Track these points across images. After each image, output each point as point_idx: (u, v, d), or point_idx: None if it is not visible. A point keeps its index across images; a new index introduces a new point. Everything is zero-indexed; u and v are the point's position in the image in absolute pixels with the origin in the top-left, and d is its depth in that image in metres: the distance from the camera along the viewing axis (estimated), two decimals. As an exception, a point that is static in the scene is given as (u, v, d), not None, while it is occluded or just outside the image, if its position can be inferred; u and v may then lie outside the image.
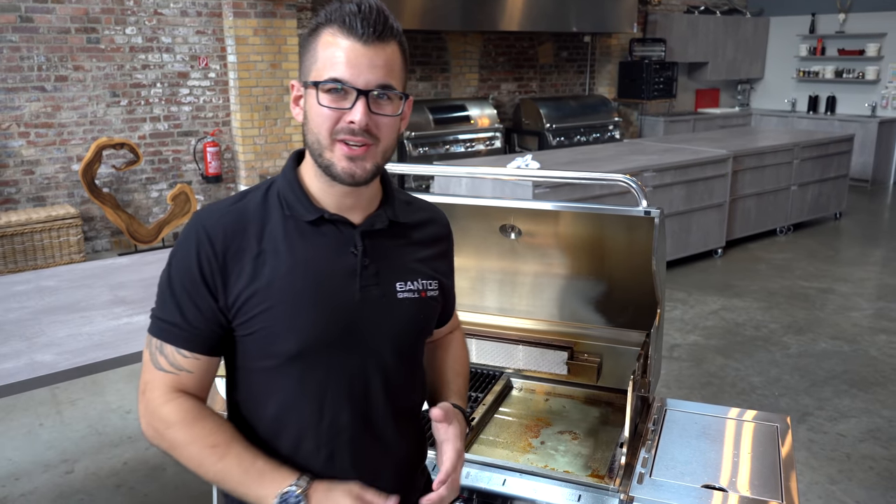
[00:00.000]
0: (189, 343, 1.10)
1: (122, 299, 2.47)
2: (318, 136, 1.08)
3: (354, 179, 1.09)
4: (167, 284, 1.12)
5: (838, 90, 9.56)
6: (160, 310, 1.12)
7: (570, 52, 8.84)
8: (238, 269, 1.09)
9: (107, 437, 3.29)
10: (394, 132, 1.12)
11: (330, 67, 1.05)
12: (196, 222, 1.12)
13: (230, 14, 6.16)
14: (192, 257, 1.09)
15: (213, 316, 1.10)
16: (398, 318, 1.17)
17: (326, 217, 1.13)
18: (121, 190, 6.10)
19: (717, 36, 9.64)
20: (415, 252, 1.23)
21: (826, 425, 3.43)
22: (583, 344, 1.93)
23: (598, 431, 1.78)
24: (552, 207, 1.78)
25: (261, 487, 1.04)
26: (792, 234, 6.93)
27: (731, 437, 1.68)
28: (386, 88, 1.07)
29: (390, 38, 1.07)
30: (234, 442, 1.08)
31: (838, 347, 4.34)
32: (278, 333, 1.09)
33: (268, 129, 6.48)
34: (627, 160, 5.56)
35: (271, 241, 1.11)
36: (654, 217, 1.62)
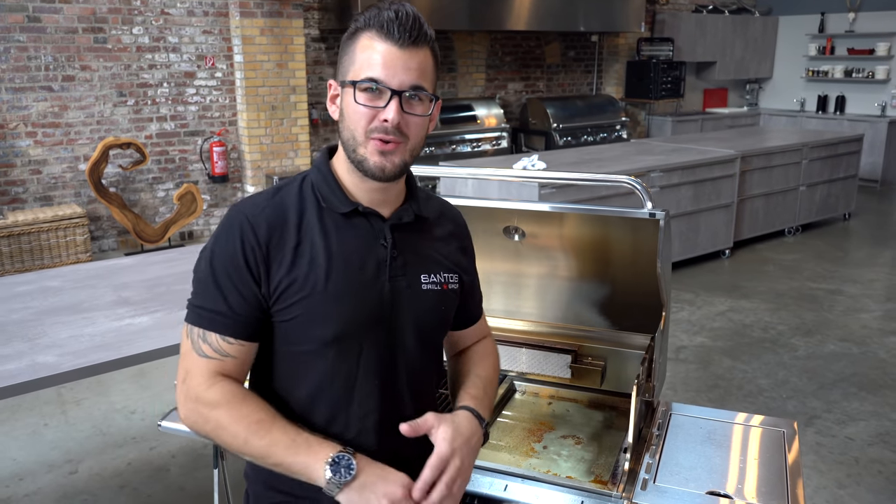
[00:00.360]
0: (234, 330, 1.15)
1: (125, 300, 2.46)
2: (354, 133, 1.15)
3: (385, 174, 1.16)
4: (209, 273, 1.16)
5: (848, 90, 9.50)
6: (201, 298, 1.17)
7: (577, 52, 8.81)
8: (280, 258, 1.15)
9: (111, 437, 3.29)
10: (423, 131, 1.19)
11: (367, 68, 1.13)
12: (238, 213, 1.18)
13: (237, 14, 6.16)
14: (237, 246, 1.14)
15: (256, 303, 1.15)
16: (422, 308, 1.23)
17: (360, 210, 1.20)
18: (127, 189, 6.11)
19: (726, 35, 9.58)
20: (436, 246, 1.30)
21: (834, 428, 3.40)
22: (587, 347, 1.91)
23: (602, 436, 1.76)
24: (556, 209, 1.76)
25: (309, 454, 1.08)
26: (800, 234, 6.88)
27: (737, 443, 1.66)
28: (417, 90, 1.14)
29: (424, 44, 1.15)
30: (277, 417, 1.12)
31: (847, 349, 4.30)
32: (315, 319, 1.15)
33: (274, 128, 6.48)
34: (634, 160, 5.53)
35: (309, 233, 1.18)
36: (659, 219, 1.60)
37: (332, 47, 6.95)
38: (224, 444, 1.13)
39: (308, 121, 6.65)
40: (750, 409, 3.59)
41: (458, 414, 1.22)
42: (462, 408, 1.24)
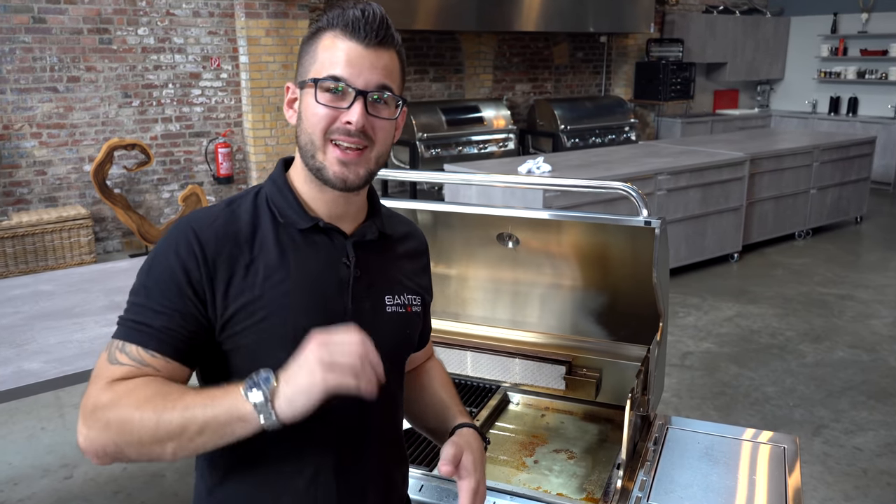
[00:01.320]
0: (159, 344, 1.01)
1: (117, 305, 2.43)
2: (312, 136, 1.07)
3: (346, 185, 1.07)
4: (142, 287, 1.04)
5: (860, 91, 9.38)
6: (130, 313, 1.04)
7: (585, 53, 8.74)
8: (227, 276, 1.05)
9: (108, 441, 3.26)
10: (389, 137, 1.11)
11: (330, 67, 1.05)
12: (184, 225, 1.07)
13: (242, 15, 6.14)
14: (179, 260, 1.03)
15: (194, 323, 1.03)
16: (387, 333, 1.14)
17: (321, 226, 1.11)
18: (132, 191, 6.10)
19: (737, 36, 9.49)
20: (400, 266, 1.22)
21: (842, 438, 3.33)
22: (582, 358, 1.86)
23: (596, 450, 1.71)
24: (550, 216, 1.71)
25: (227, 395, 0.93)
26: (810, 238, 6.79)
27: (736, 460, 1.60)
28: (384, 90, 1.07)
29: (390, 46, 1.08)
30: (187, 388, 0.96)
31: (856, 357, 4.22)
32: (271, 346, 1.05)
33: (279, 130, 6.45)
34: (642, 163, 5.46)
35: (262, 250, 1.08)
36: (654, 227, 1.55)
37: (338, 48, 6.91)
38: (138, 444, 0.93)
39: (313, 122, 6.61)
40: (756, 417, 3.52)
41: (462, 433, 1.18)
42: (461, 426, 1.21)
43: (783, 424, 3.45)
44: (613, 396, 1.84)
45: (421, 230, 1.32)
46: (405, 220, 1.31)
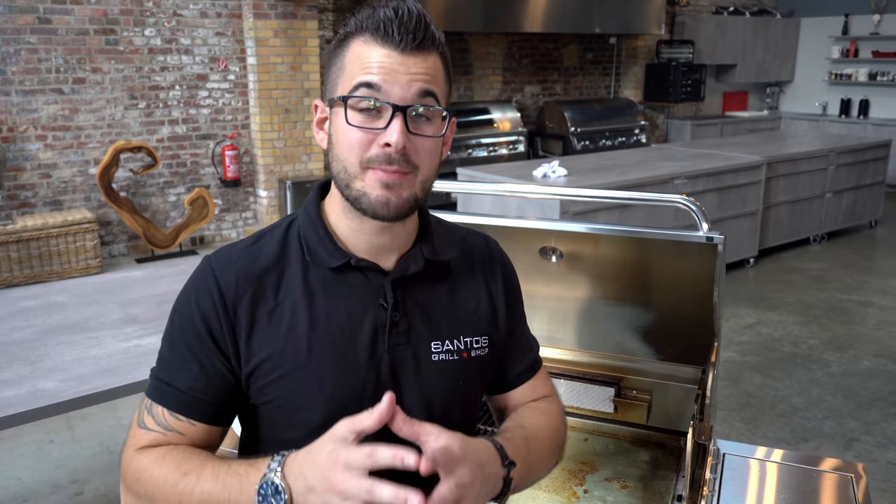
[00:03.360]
0: (184, 407, 0.95)
1: (133, 318, 2.34)
2: (346, 164, 0.92)
3: (389, 210, 0.92)
4: (167, 338, 0.98)
5: (872, 93, 9.28)
6: (159, 368, 0.98)
7: (595, 54, 8.65)
8: (249, 325, 0.95)
9: (118, 456, 3.15)
10: (435, 158, 0.95)
11: (360, 74, 0.90)
12: (205, 267, 0.98)
13: (250, 15, 6.04)
14: (198, 308, 0.95)
15: (219, 378, 0.95)
16: (431, 387, 0.99)
17: (353, 263, 0.97)
18: (138, 194, 6.00)
19: (747, 37, 9.39)
20: (458, 299, 1.05)
21: (875, 452, 3.23)
22: (630, 379, 1.76)
23: (649, 479, 1.61)
24: (601, 231, 1.62)
25: (241, 494, 0.85)
26: (826, 242, 6.69)
27: (799, 490, 1.50)
28: (426, 103, 0.91)
29: (431, 48, 0.92)
30: (207, 461, 0.91)
31: (883, 366, 4.12)
32: (298, 403, 0.94)
33: (287, 132, 6.36)
34: (657, 166, 5.36)
35: (289, 293, 0.96)
36: (717, 243, 1.45)
37: (347, 49, 6.82)
38: None
39: (322, 124, 6.51)
40: (785, 430, 3.43)
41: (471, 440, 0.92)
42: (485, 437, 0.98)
43: (813, 437, 3.36)
44: (664, 420, 1.75)
45: (492, 242, 1.13)
46: (470, 235, 1.11)
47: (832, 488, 1.52)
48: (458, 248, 1.07)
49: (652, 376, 1.74)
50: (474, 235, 1.12)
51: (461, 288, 1.05)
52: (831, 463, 1.62)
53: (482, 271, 1.09)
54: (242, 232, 6.57)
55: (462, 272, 1.06)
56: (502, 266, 1.11)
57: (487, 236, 1.13)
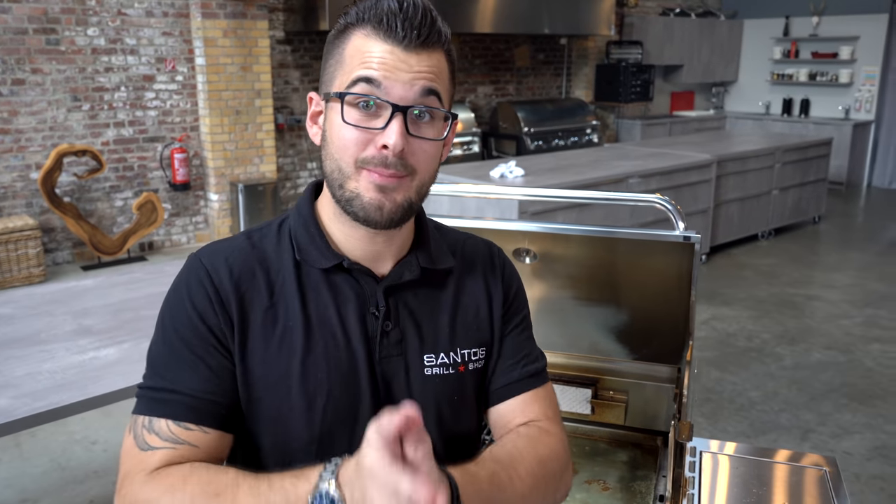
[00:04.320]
0: (193, 413, 0.86)
1: (87, 329, 2.24)
2: (340, 164, 0.87)
3: (383, 215, 0.87)
4: (162, 345, 0.90)
5: (812, 93, 9.58)
6: (151, 378, 0.90)
7: (546, 55, 8.71)
8: (243, 322, 0.89)
9: (70, 472, 3.04)
10: (434, 162, 0.90)
11: (359, 68, 0.85)
12: (194, 263, 0.91)
13: (198, 15, 5.89)
14: (192, 305, 0.88)
15: (228, 377, 0.88)
16: (425, 402, 0.92)
17: (346, 265, 0.93)
18: (83, 199, 5.80)
19: (693, 38, 9.59)
20: (457, 308, 0.99)
21: (831, 443, 3.31)
22: (606, 380, 1.75)
23: (629, 479, 1.60)
24: (576, 231, 1.60)
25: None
26: (773, 238, 6.87)
27: (778, 486, 1.52)
28: (428, 103, 0.86)
29: (437, 45, 0.88)
30: (240, 478, 0.81)
31: (833, 358, 4.24)
32: (291, 411, 0.89)
33: (238, 134, 6.23)
34: (612, 166, 5.42)
35: (283, 294, 0.91)
36: (694, 243, 1.45)
37: (298, 49, 6.72)
38: None
39: (273, 126, 6.41)
40: (744, 423, 3.49)
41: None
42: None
43: (771, 430, 3.42)
44: (640, 420, 1.75)
45: (494, 246, 1.07)
46: (470, 241, 1.06)
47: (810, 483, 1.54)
48: (458, 254, 1.02)
49: (628, 376, 1.73)
50: (476, 241, 1.07)
51: (461, 296, 1.00)
52: (806, 458, 1.64)
53: (483, 276, 1.03)
54: (193, 237, 6.41)
55: (462, 280, 1.01)
56: (504, 271, 1.06)
57: (490, 242, 1.08)
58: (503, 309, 1.03)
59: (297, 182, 6.99)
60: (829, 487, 1.52)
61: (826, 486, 1.52)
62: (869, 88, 9.13)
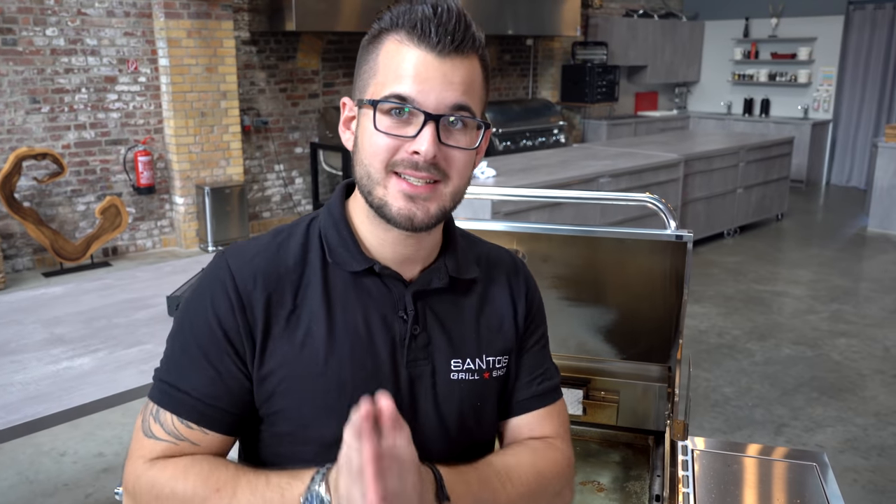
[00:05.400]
0: (196, 415, 0.88)
1: (59, 338, 2.16)
2: (370, 170, 0.87)
3: (413, 224, 0.87)
4: (178, 340, 0.91)
5: (772, 93, 9.77)
6: (165, 371, 0.90)
7: (512, 56, 8.74)
8: (266, 326, 0.88)
9: (39, 485, 2.94)
10: (467, 169, 0.89)
11: (393, 82, 0.85)
12: (220, 263, 0.91)
13: (161, 15, 5.78)
14: (212, 306, 0.88)
15: (236, 385, 0.88)
16: (450, 405, 0.94)
17: (377, 270, 0.92)
18: (43, 204, 5.64)
19: (656, 39, 9.71)
20: (482, 316, 0.99)
21: (804, 436, 3.37)
22: (598, 380, 1.75)
23: (623, 480, 1.60)
24: (567, 231, 1.59)
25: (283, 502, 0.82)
26: (739, 236, 6.98)
27: (773, 482, 1.53)
28: (461, 113, 0.85)
29: (471, 52, 0.87)
30: (240, 474, 0.85)
31: (802, 353, 4.31)
32: (311, 415, 0.88)
33: (204, 136, 6.12)
34: (582, 166, 5.46)
35: (308, 298, 0.90)
36: (686, 241, 1.46)
37: (264, 50, 6.63)
38: None
39: (240, 128, 6.31)
40: (719, 419, 3.53)
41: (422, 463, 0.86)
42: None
43: (746, 425, 3.47)
44: (631, 420, 1.74)
45: (518, 259, 1.08)
46: (494, 251, 1.06)
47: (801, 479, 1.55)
48: (483, 264, 1.02)
49: (619, 376, 1.73)
50: (499, 251, 1.07)
51: (486, 304, 1.00)
52: (798, 453, 1.66)
53: (508, 287, 1.03)
54: (158, 241, 6.28)
55: (487, 289, 1.01)
56: (527, 284, 1.06)
57: (513, 252, 1.09)
58: (526, 322, 1.04)
59: (265, 184, 6.90)
60: (820, 481, 1.54)
61: (817, 481, 1.54)
62: (827, 88, 9.34)
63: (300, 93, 6.94)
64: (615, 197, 1.64)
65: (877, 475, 3.06)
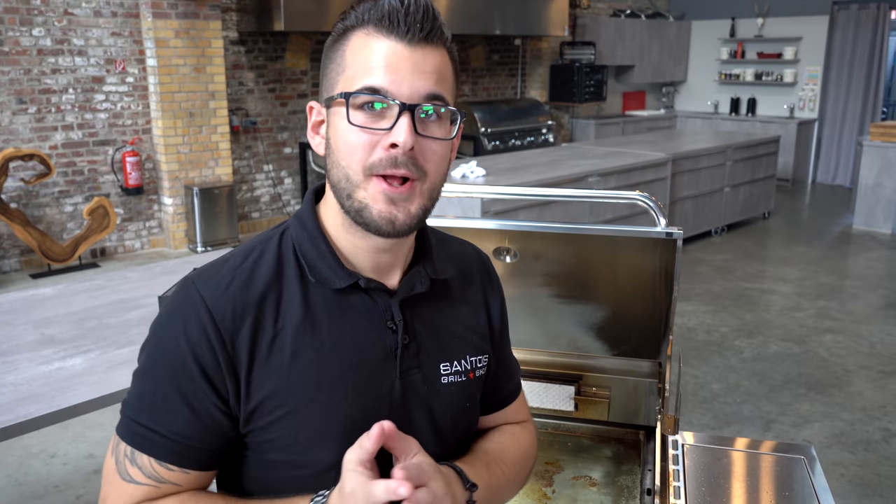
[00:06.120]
0: (175, 457, 0.83)
1: (50, 339, 2.16)
2: (348, 172, 0.83)
3: (395, 228, 0.83)
4: (148, 378, 0.85)
5: (758, 92, 9.84)
6: (135, 409, 0.84)
7: (501, 56, 8.76)
8: (249, 358, 0.83)
9: (29, 487, 2.93)
10: (444, 164, 0.87)
11: (364, 75, 0.82)
12: (191, 295, 0.84)
13: (149, 15, 5.76)
14: (187, 342, 0.82)
15: (213, 422, 0.84)
16: (442, 408, 0.93)
17: (362, 285, 0.89)
18: (31, 205, 5.60)
19: (643, 39, 9.76)
20: (460, 317, 0.98)
21: (791, 432, 3.40)
22: (589, 376, 1.77)
23: (614, 474, 1.62)
24: (557, 229, 1.61)
25: None
26: (726, 234, 7.03)
27: (761, 476, 1.55)
28: (436, 101, 0.83)
29: (440, 42, 0.85)
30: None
31: (789, 349, 4.36)
32: (308, 441, 0.85)
33: (192, 137, 6.10)
34: (571, 165, 5.48)
35: (289, 319, 0.85)
36: (676, 239, 1.47)
37: (253, 50, 6.62)
38: None
39: (228, 128, 6.30)
40: (708, 416, 3.56)
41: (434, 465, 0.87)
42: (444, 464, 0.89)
43: (735, 421, 3.50)
44: (622, 415, 1.76)
45: (482, 253, 1.07)
46: (462, 247, 1.05)
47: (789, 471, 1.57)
48: (455, 262, 1.00)
49: (610, 372, 1.75)
50: (466, 246, 1.05)
51: (463, 304, 0.99)
52: (785, 446, 1.68)
53: (481, 285, 1.03)
54: (147, 242, 6.26)
55: (462, 288, 1.00)
56: (496, 280, 1.06)
57: (478, 248, 1.07)
58: (500, 319, 1.05)
59: (254, 185, 6.89)
60: (808, 474, 1.56)
61: (805, 473, 1.56)
62: (812, 88, 9.42)
63: (289, 93, 6.93)
64: (606, 195, 1.66)
65: (863, 469, 3.10)
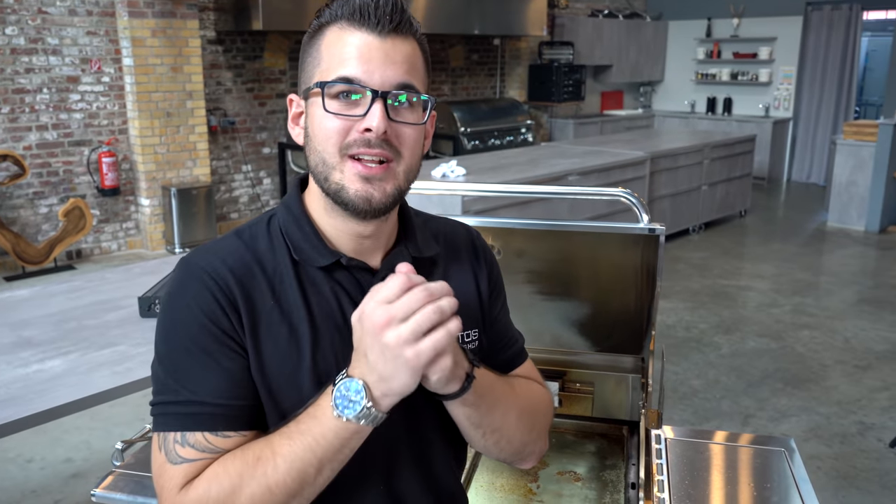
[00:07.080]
0: (230, 421, 0.86)
1: (28, 341, 2.13)
2: (324, 155, 0.89)
3: (371, 206, 0.89)
4: (171, 356, 0.88)
5: (734, 92, 9.95)
6: (172, 391, 0.87)
7: (480, 55, 8.77)
8: (252, 323, 0.89)
9: (5, 493, 2.89)
10: (418, 147, 0.92)
11: (338, 66, 0.88)
12: (191, 270, 0.90)
13: (124, 14, 5.69)
14: (201, 310, 0.87)
15: (247, 377, 0.88)
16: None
17: (344, 263, 0.94)
18: (4, 206, 5.52)
19: (621, 39, 9.82)
20: None
21: (769, 426, 3.45)
22: (573, 372, 1.78)
23: (599, 469, 1.63)
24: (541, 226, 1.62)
25: (323, 427, 0.82)
26: (704, 232, 7.11)
27: (742, 468, 1.57)
28: (407, 89, 0.88)
29: (409, 34, 0.91)
30: (268, 437, 0.85)
31: (766, 345, 4.41)
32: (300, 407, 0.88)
33: (170, 137, 6.04)
34: (551, 164, 5.51)
35: (285, 291, 0.91)
36: (658, 234, 1.49)
37: (231, 50, 6.57)
38: None
39: (206, 128, 6.25)
40: (688, 411, 3.60)
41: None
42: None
43: (714, 417, 3.54)
44: (605, 410, 1.78)
45: (472, 230, 1.10)
46: (449, 225, 1.09)
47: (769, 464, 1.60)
48: (441, 240, 1.04)
49: (594, 368, 1.76)
50: (454, 225, 1.10)
51: (450, 280, 0.98)
52: (765, 439, 1.71)
53: (468, 260, 1.06)
54: (124, 244, 6.19)
55: (448, 265, 1.04)
56: (485, 253, 1.10)
57: (466, 224, 1.11)
58: (490, 290, 1.07)
59: (232, 185, 6.84)
60: (788, 465, 1.58)
61: (786, 465, 1.58)
62: (787, 87, 9.55)
63: (267, 92, 6.89)
64: (589, 192, 1.67)
65: (840, 462, 3.14)
